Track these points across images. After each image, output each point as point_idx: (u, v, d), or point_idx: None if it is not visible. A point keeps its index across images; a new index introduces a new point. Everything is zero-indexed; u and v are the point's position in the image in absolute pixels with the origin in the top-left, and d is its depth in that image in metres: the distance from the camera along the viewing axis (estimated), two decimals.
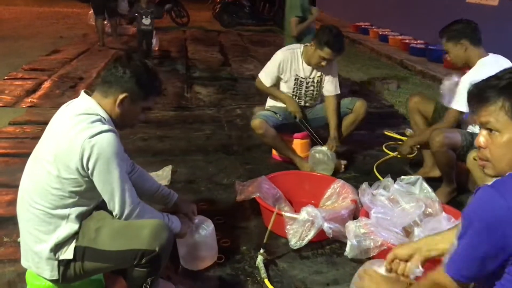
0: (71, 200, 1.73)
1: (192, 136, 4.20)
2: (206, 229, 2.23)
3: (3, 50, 7.62)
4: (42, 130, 1.90)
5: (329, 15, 13.30)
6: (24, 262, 1.84)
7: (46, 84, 5.80)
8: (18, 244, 2.00)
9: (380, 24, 9.98)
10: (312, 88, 3.53)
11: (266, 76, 3.53)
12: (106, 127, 1.69)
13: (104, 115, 1.76)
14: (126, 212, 1.75)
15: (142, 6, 7.19)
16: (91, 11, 9.04)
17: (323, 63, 3.33)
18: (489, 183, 1.20)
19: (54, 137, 1.72)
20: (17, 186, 1.86)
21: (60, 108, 1.87)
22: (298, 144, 3.61)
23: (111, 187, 1.71)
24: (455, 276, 1.25)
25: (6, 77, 5.99)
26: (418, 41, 8.25)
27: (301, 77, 3.49)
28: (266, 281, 2.20)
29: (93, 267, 1.79)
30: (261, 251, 2.36)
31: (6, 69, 6.34)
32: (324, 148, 3.37)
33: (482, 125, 1.27)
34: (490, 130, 1.25)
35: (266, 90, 3.59)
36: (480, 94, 1.24)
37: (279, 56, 3.49)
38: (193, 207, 2.27)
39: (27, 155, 1.85)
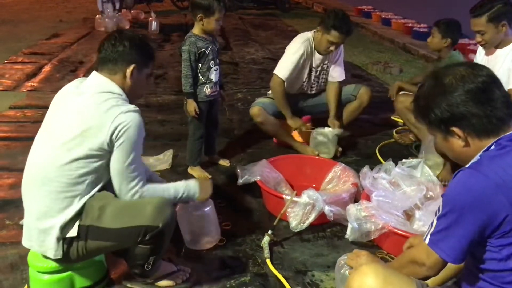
0: (88, 177, 1.77)
1: None
2: (207, 205, 2.23)
3: (3, 34, 7.59)
4: (43, 114, 1.90)
5: None
6: (26, 242, 1.85)
7: (47, 68, 5.79)
8: (20, 227, 2.01)
9: (383, 7, 9.86)
10: (321, 76, 3.45)
11: (285, 72, 3.24)
12: (133, 106, 1.81)
13: (124, 96, 1.85)
14: (129, 192, 1.80)
15: (203, 35, 2.80)
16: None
17: (332, 48, 3.21)
18: None
19: (78, 114, 1.76)
20: (18, 170, 1.87)
21: (65, 87, 1.90)
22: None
23: (123, 165, 1.77)
24: (447, 259, 1.30)
25: (6, 61, 5.98)
26: (421, 24, 8.13)
27: (313, 67, 3.38)
28: (268, 261, 2.22)
29: (96, 246, 1.80)
30: (269, 232, 2.38)
31: (6, 53, 6.31)
32: (326, 130, 3.32)
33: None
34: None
35: (280, 99, 3.27)
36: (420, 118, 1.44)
37: (300, 48, 3.24)
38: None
39: (28, 138, 1.86)
